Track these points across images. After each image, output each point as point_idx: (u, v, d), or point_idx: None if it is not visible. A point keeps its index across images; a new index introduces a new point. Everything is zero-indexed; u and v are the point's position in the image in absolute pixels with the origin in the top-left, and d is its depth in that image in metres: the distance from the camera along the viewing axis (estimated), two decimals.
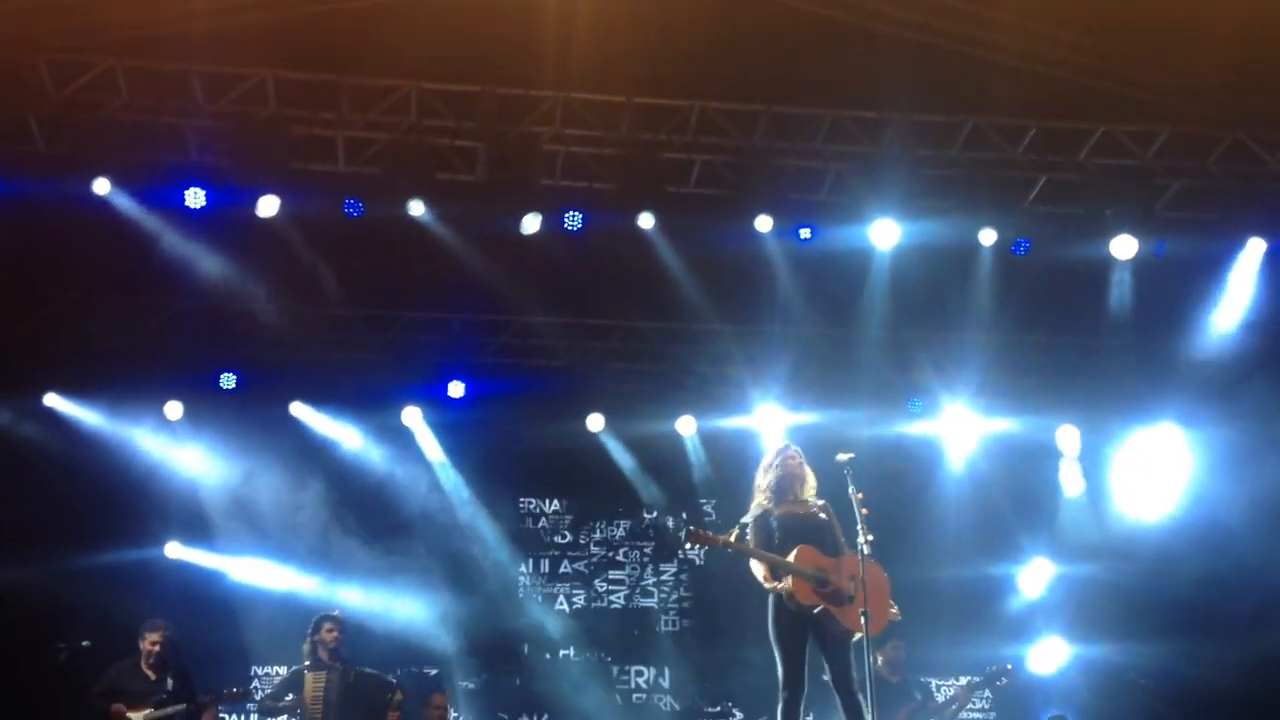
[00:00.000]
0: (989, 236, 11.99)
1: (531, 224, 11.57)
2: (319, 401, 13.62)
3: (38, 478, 12.37)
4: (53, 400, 12.94)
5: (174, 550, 13.22)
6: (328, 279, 12.39)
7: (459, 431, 13.91)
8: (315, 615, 10.81)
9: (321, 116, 11.09)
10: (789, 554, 7.73)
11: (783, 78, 11.14)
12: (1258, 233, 12.05)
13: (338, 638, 10.54)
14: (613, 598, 14.63)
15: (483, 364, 13.63)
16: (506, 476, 14.20)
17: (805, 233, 11.96)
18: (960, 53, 10.74)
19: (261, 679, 12.86)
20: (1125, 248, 11.91)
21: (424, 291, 12.94)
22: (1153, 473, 13.78)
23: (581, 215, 11.58)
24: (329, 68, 10.94)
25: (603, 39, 10.45)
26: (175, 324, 12.88)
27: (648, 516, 14.80)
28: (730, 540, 7.85)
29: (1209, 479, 13.38)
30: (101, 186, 11.13)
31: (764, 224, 11.73)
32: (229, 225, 11.52)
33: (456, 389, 13.60)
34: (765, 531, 7.95)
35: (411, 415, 13.80)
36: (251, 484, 13.28)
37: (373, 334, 13.47)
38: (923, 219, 11.79)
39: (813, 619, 7.70)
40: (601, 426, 14.09)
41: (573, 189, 11.64)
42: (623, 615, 14.53)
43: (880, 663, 10.17)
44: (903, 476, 13.71)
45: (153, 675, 10.22)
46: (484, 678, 13.85)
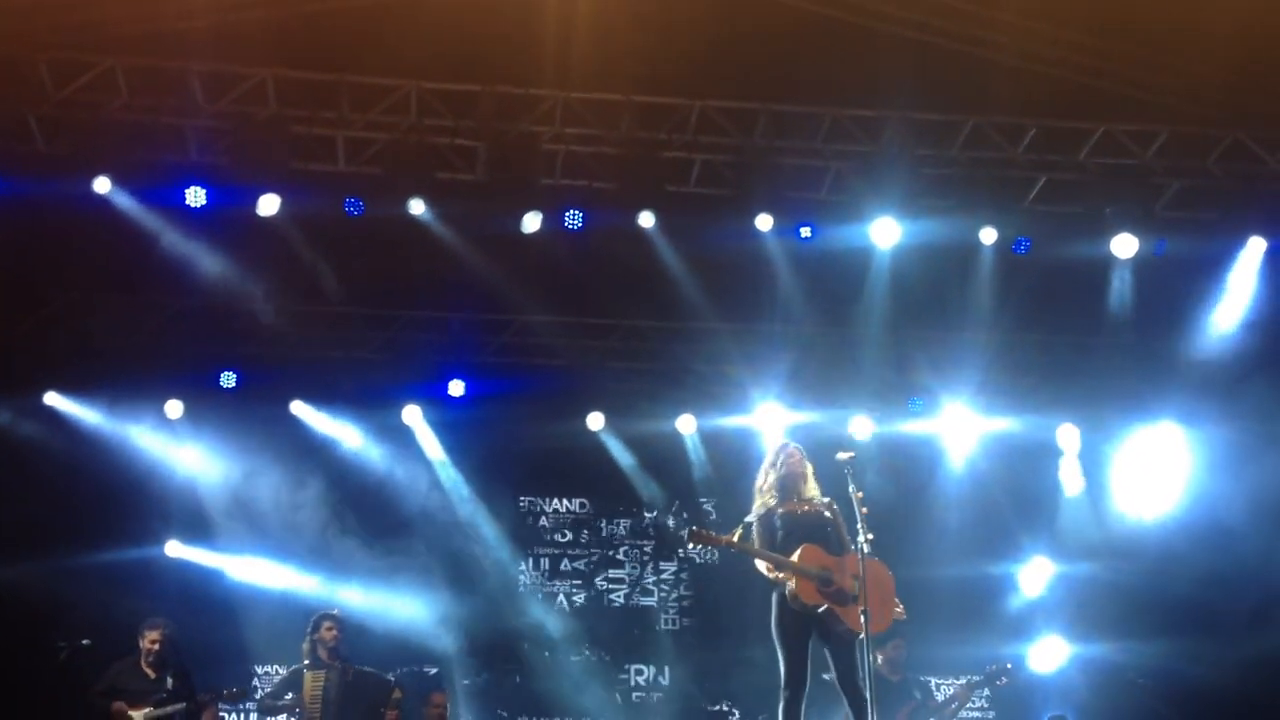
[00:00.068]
0: (989, 236, 11.98)
1: (532, 223, 11.57)
2: (319, 400, 13.62)
3: (38, 477, 12.36)
4: (53, 399, 12.93)
5: (174, 549, 13.22)
6: (327, 277, 12.38)
7: (459, 430, 13.91)
8: (315, 614, 10.81)
9: (321, 116, 11.09)
10: (793, 553, 7.71)
11: (782, 77, 11.13)
12: (1258, 232, 12.05)
13: (337, 636, 10.53)
14: (613, 596, 14.63)
15: (483, 363, 13.63)
16: (506, 475, 14.20)
17: (805, 232, 11.96)
18: (960, 52, 10.73)
19: (261, 678, 12.87)
20: (1125, 247, 11.91)
21: (424, 290, 12.94)
22: (1153, 472, 13.78)
23: (581, 214, 11.58)
24: (329, 67, 10.93)
25: (602, 38, 10.44)
26: (175, 323, 12.87)
27: (648, 515, 14.81)
28: (733, 540, 7.84)
29: (1209, 478, 13.37)
30: (101, 186, 11.12)
31: (764, 223, 11.72)
32: (229, 224, 11.51)
33: (456, 388, 13.60)
34: (769, 530, 7.94)
35: (412, 414, 13.80)
36: (252, 483, 13.27)
37: (373, 333, 13.47)
38: (923, 218, 11.79)
39: (816, 618, 7.69)
40: (602, 425, 14.09)
41: (573, 188, 11.64)
42: (623, 614, 14.53)
43: (880, 661, 10.16)
44: (903, 475, 13.71)
45: (152, 674, 10.21)
46: (484, 677, 13.85)
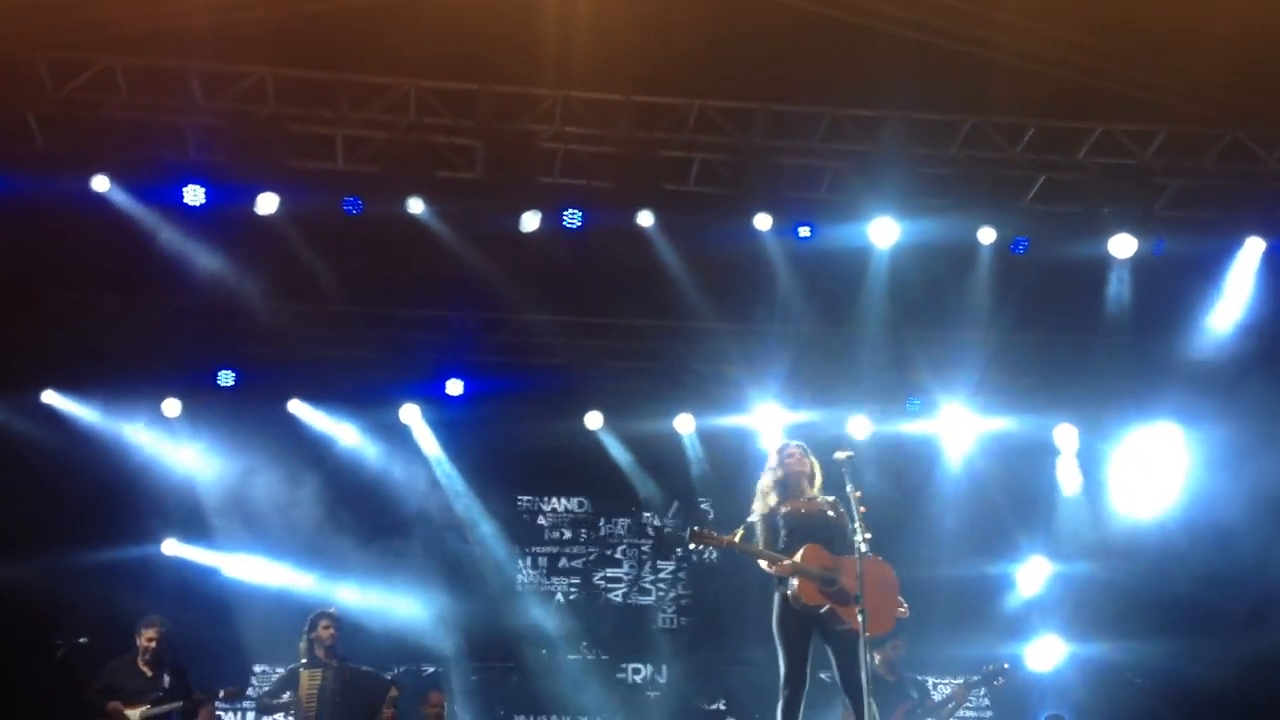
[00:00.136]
0: (988, 235, 11.98)
1: (530, 222, 11.56)
2: (317, 399, 13.61)
3: (35, 475, 12.36)
4: (50, 398, 12.92)
5: (171, 547, 13.22)
6: (324, 275, 12.37)
7: (457, 429, 13.91)
8: (312, 612, 10.81)
9: (320, 114, 11.09)
10: (796, 553, 7.68)
11: (781, 76, 11.12)
12: (1256, 232, 12.06)
13: (334, 635, 10.51)
14: (610, 595, 14.64)
15: (481, 362, 13.62)
16: (504, 474, 14.20)
17: (804, 231, 11.94)
18: (959, 52, 10.73)
19: (258, 676, 12.87)
20: (1124, 247, 11.91)
21: (423, 289, 12.93)
22: (1150, 471, 13.79)
23: (580, 213, 11.57)
24: (328, 66, 10.93)
25: (601, 38, 10.44)
26: (173, 321, 12.86)
27: (646, 515, 14.82)
28: (734, 540, 7.80)
29: (1207, 477, 13.37)
30: (100, 184, 11.11)
31: (763, 222, 11.71)
32: (228, 223, 11.50)
33: (455, 387, 13.59)
34: (772, 530, 7.91)
35: (410, 413, 13.80)
36: (249, 481, 13.27)
37: (371, 332, 13.47)
38: (921, 218, 11.78)
39: (818, 618, 7.67)
40: (600, 424, 14.09)
41: (571, 187, 11.63)
42: (620, 613, 14.54)
43: (878, 661, 10.17)
44: (901, 475, 13.71)
45: (149, 672, 10.19)
46: (481, 675, 13.85)
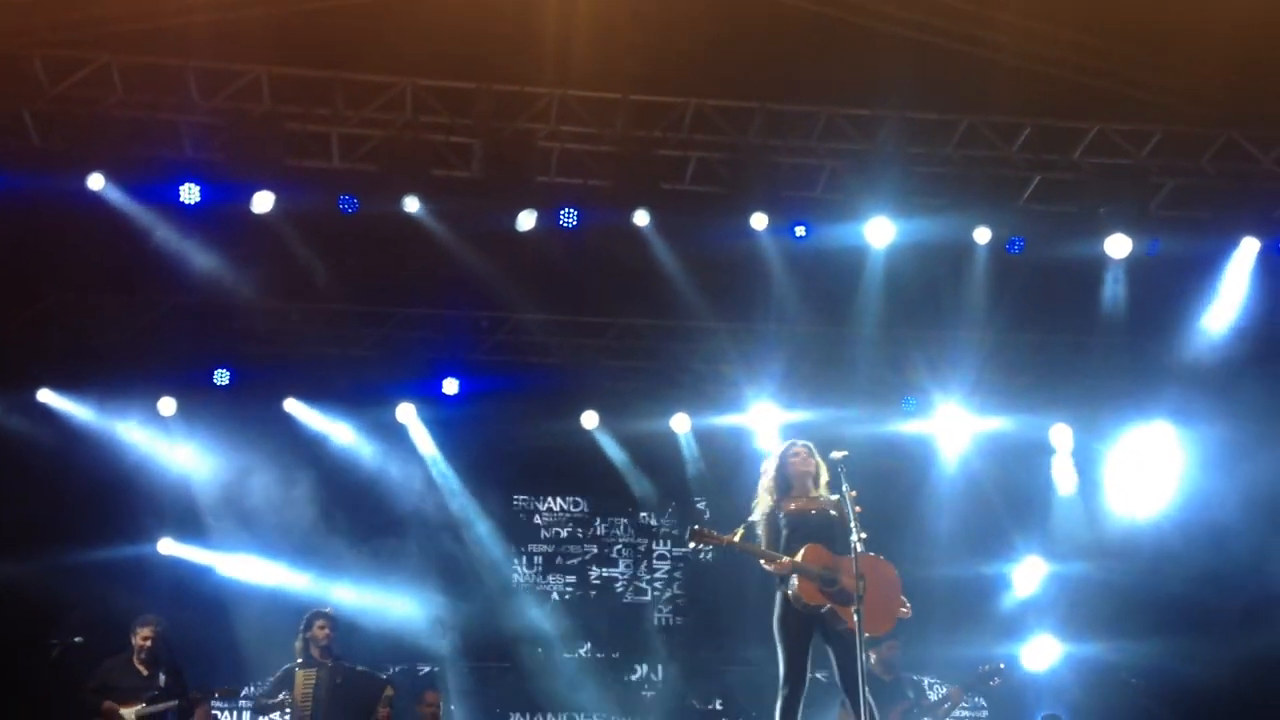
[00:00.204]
0: (983, 235, 11.97)
1: (527, 221, 11.56)
2: (313, 398, 13.61)
3: (30, 474, 12.34)
4: (46, 396, 12.90)
5: (167, 546, 13.22)
6: (319, 273, 12.35)
7: (453, 428, 13.91)
8: (308, 612, 10.80)
9: (316, 113, 11.06)
10: (797, 552, 7.67)
11: (778, 76, 11.12)
12: (1251, 232, 12.05)
13: (330, 635, 10.51)
14: (606, 594, 14.64)
15: (477, 361, 13.63)
16: (500, 473, 14.21)
17: (800, 230, 11.93)
18: (956, 51, 10.73)
19: (255, 676, 12.83)
20: (1119, 246, 11.90)
21: (419, 288, 12.93)
22: (1146, 471, 13.81)
23: (577, 212, 11.55)
24: (324, 64, 10.90)
25: (598, 37, 10.43)
26: (169, 320, 12.86)
27: (642, 514, 14.82)
28: (734, 540, 7.79)
29: (1202, 477, 13.40)
30: (96, 182, 11.07)
31: (759, 221, 11.70)
32: (224, 221, 11.48)
33: (451, 386, 13.59)
34: (774, 530, 7.89)
35: (406, 412, 13.80)
36: (245, 480, 13.27)
37: (367, 330, 13.47)
38: (917, 217, 11.77)
39: (819, 618, 7.66)
40: (596, 424, 14.09)
41: (568, 186, 11.60)
42: (616, 612, 14.54)
43: (874, 661, 10.16)
44: (896, 475, 13.71)
45: (145, 671, 10.20)
46: (477, 674, 13.85)
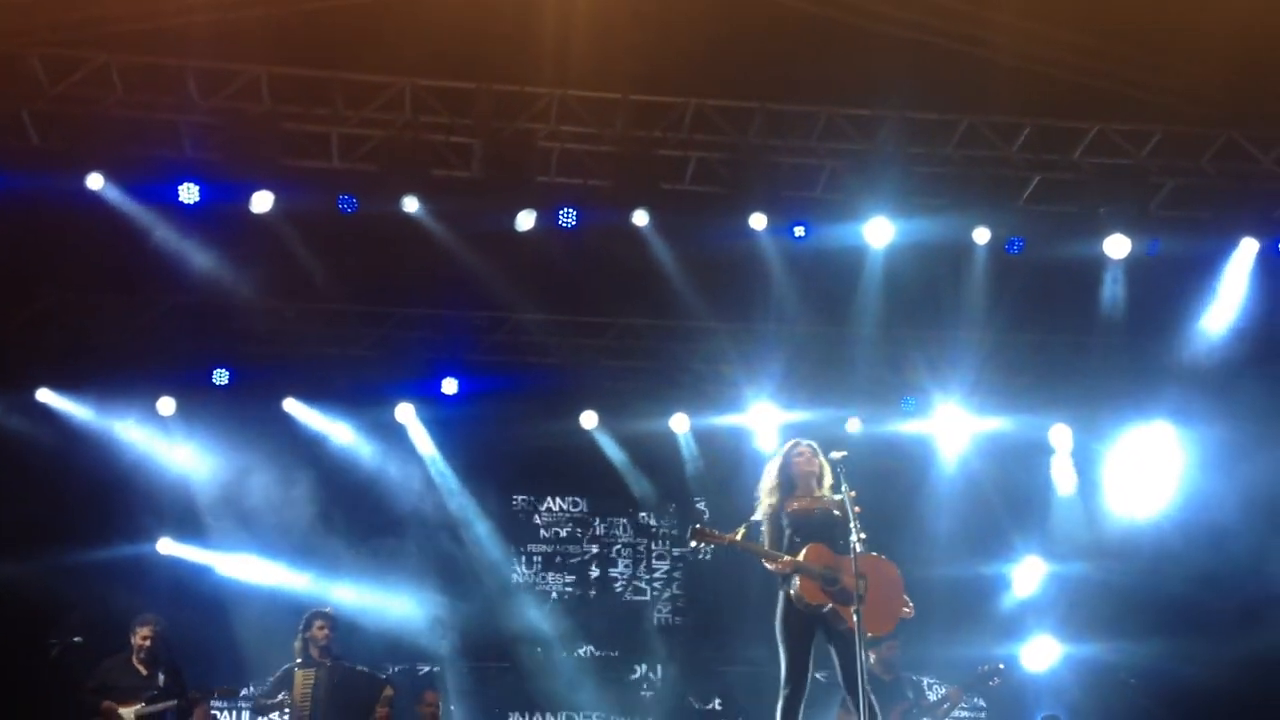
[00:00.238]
0: (983, 235, 11.96)
1: (526, 221, 11.55)
2: (312, 398, 13.61)
3: (30, 474, 12.35)
4: (45, 396, 12.90)
5: (166, 546, 13.22)
6: (319, 274, 12.35)
7: (452, 428, 13.91)
8: (308, 612, 10.80)
9: (315, 113, 11.05)
10: (800, 552, 7.66)
11: (778, 76, 11.11)
12: (1251, 232, 12.04)
13: (329, 635, 10.50)
14: (606, 594, 14.64)
15: (477, 361, 13.62)
16: (500, 473, 14.21)
17: (800, 230, 11.92)
18: (956, 51, 10.72)
19: (254, 675, 12.82)
20: (1119, 247, 11.90)
21: (418, 288, 12.92)
22: (1145, 471, 13.81)
23: (576, 212, 11.54)
24: (323, 64, 10.89)
25: (598, 37, 10.42)
26: (168, 320, 12.85)
27: (642, 514, 14.82)
28: (736, 538, 7.78)
29: (1202, 477, 13.40)
30: (95, 182, 11.06)
31: (758, 221, 11.69)
32: (223, 221, 11.47)
33: (450, 386, 13.59)
34: (777, 529, 7.88)
35: (405, 412, 13.80)
36: (244, 480, 13.27)
37: (367, 330, 13.47)
38: (917, 217, 11.75)
39: (821, 617, 7.65)
40: (595, 424, 14.09)
41: (568, 186, 11.60)
42: (616, 612, 14.54)
43: (874, 661, 10.16)
44: (896, 475, 13.71)
45: (144, 671, 10.20)
46: (476, 674, 13.85)
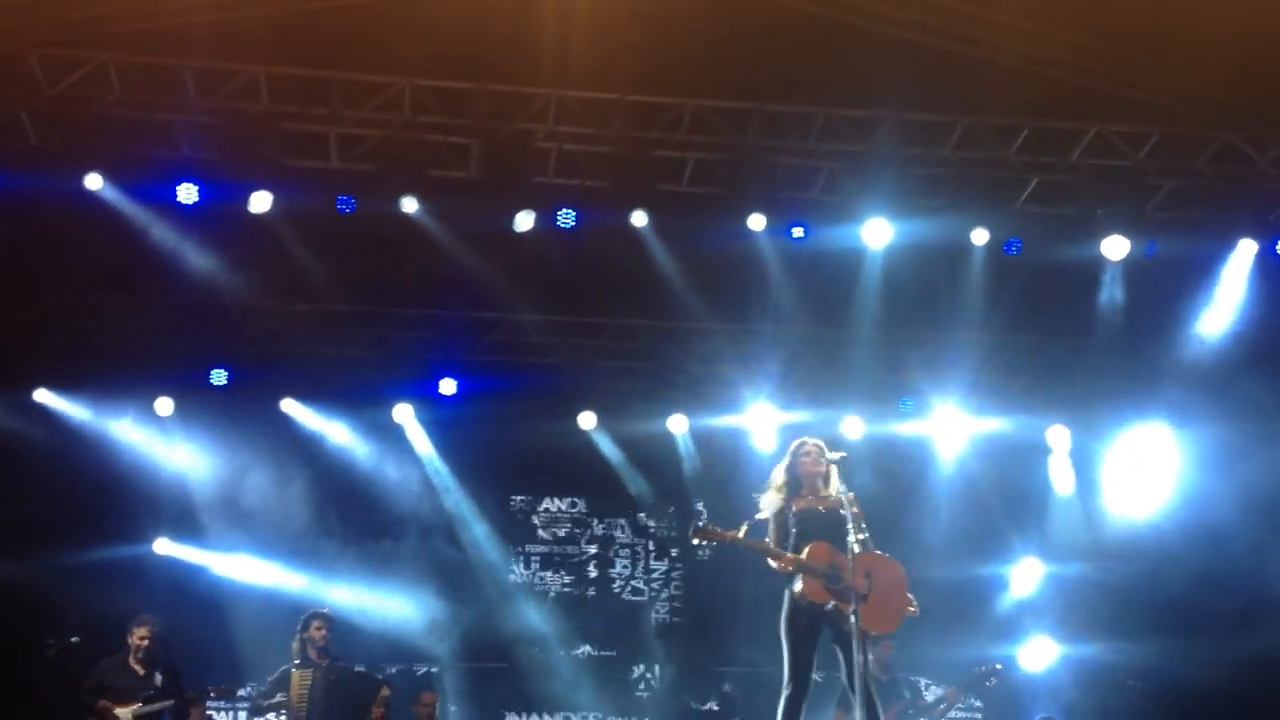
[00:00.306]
0: (981, 236, 12.00)
1: (524, 221, 11.56)
2: (310, 398, 13.61)
3: (28, 474, 12.34)
4: (43, 396, 12.90)
5: (163, 546, 13.21)
6: (317, 274, 12.34)
7: (450, 428, 13.91)
8: (305, 612, 10.79)
9: (314, 113, 11.05)
10: (803, 550, 7.66)
11: (776, 76, 11.11)
12: (1248, 233, 12.08)
13: (326, 635, 10.48)
14: (603, 595, 14.63)
15: (475, 361, 13.63)
16: (497, 474, 14.21)
17: (798, 231, 11.95)
18: (954, 52, 10.71)
19: (251, 676, 12.82)
20: (1116, 248, 11.92)
21: (416, 288, 12.92)
22: (1143, 472, 13.81)
23: (574, 213, 11.57)
24: (322, 64, 10.89)
25: (596, 37, 10.42)
26: (167, 320, 12.85)
27: (639, 515, 14.83)
28: (739, 536, 7.77)
29: (1199, 477, 13.40)
30: (93, 182, 11.08)
31: (756, 222, 11.72)
32: (221, 221, 11.48)
33: (448, 386, 13.60)
34: (783, 528, 7.88)
35: (403, 412, 13.80)
36: (242, 481, 13.26)
37: (364, 331, 13.46)
38: (915, 218, 11.79)
39: (826, 616, 7.66)
40: (593, 424, 14.10)
41: (566, 186, 11.62)
42: (613, 612, 14.54)
43: (871, 661, 10.14)
44: (894, 476, 13.71)
45: (141, 671, 10.19)
46: (474, 675, 13.85)
